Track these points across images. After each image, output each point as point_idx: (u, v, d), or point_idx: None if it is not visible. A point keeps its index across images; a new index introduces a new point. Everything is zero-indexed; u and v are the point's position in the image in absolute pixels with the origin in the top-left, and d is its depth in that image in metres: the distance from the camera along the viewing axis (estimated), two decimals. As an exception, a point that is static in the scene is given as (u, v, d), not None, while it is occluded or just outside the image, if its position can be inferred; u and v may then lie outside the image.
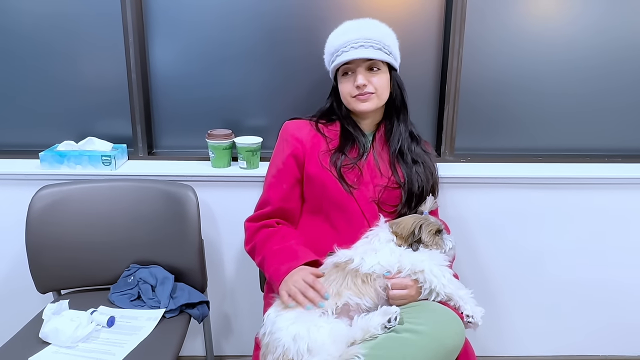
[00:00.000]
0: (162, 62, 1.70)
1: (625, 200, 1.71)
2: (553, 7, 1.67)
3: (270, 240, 1.33)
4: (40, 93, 1.71)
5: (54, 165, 1.62)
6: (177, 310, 1.47)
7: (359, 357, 1.02)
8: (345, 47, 1.32)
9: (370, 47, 1.31)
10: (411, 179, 1.37)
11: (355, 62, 1.33)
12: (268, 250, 1.32)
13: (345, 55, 1.32)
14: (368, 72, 1.34)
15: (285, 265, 1.24)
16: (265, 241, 1.34)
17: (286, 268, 1.23)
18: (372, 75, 1.34)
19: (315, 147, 1.39)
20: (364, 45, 1.31)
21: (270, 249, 1.31)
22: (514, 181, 1.68)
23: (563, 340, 1.86)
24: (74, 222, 1.53)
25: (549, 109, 1.75)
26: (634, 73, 1.73)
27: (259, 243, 1.36)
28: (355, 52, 1.31)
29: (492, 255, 1.76)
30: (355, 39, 1.32)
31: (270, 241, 1.33)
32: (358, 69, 1.34)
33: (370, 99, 1.35)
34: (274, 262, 1.28)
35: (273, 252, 1.30)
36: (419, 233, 1.25)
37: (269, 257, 1.30)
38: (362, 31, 1.33)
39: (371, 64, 1.34)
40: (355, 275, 1.17)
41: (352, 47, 1.31)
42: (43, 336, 1.32)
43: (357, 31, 1.33)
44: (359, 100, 1.35)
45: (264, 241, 1.35)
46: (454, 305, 1.17)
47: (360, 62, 1.33)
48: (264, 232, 1.37)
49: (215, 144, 1.63)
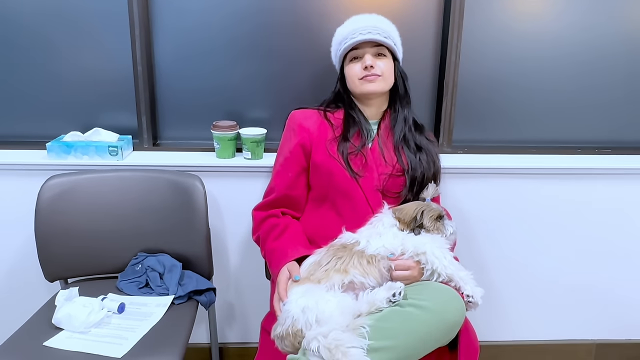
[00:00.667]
0: (167, 54, 1.73)
1: (614, 190, 1.78)
2: (548, 4, 1.73)
3: (268, 237, 1.41)
4: (46, 85, 1.73)
5: (61, 156, 1.65)
6: (186, 297, 1.51)
7: (365, 327, 1.07)
8: (353, 34, 1.40)
9: (377, 34, 1.39)
10: (415, 166, 1.43)
11: (362, 47, 1.41)
12: (267, 248, 1.40)
13: (354, 39, 1.39)
14: (375, 57, 1.42)
15: (274, 264, 1.34)
16: (266, 237, 1.41)
17: (275, 267, 1.32)
18: (378, 59, 1.42)
19: (322, 136, 1.44)
20: (372, 32, 1.39)
21: (268, 247, 1.40)
22: (510, 172, 1.74)
23: (556, 325, 1.92)
24: (82, 212, 1.56)
25: (543, 102, 1.82)
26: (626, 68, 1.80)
27: (262, 236, 1.43)
28: (364, 37, 1.39)
29: (488, 243, 1.82)
30: (363, 27, 1.40)
31: (268, 238, 1.41)
32: (366, 53, 1.41)
33: (376, 80, 1.41)
34: (269, 260, 1.39)
35: (269, 251, 1.39)
36: (421, 218, 1.30)
37: (267, 256, 1.40)
38: (370, 21, 1.42)
39: (378, 50, 1.42)
40: (361, 256, 1.22)
41: (360, 33, 1.39)
42: (56, 322, 1.35)
43: (365, 21, 1.42)
44: (366, 81, 1.42)
45: (265, 236, 1.42)
46: (455, 286, 1.22)
47: (368, 47, 1.41)
48: (267, 224, 1.43)
49: (221, 135, 1.67)
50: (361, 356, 1.03)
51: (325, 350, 1.03)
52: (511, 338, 1.93)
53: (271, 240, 1.39)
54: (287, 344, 1.14)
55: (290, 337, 1.12)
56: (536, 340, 1.93)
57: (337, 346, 1.03)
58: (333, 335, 1.04)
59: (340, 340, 1.04)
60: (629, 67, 1.81)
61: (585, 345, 1.94)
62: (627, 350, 1.94)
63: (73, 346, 1.27)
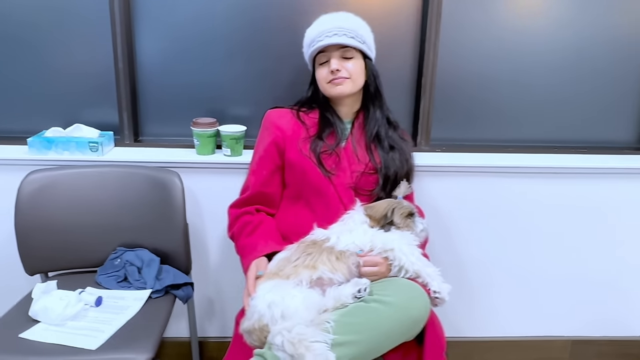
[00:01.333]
0: (148, 51, 1.75)
1: (590, 188, 1.81)
2: (526, 5, 1.75)
3: (242, 233, 1.44)
4: (28, 81, 1.75)
5: (42, 151, 1.67)
6: (163, 291, 1.53)
7: (329, 322, 1.09)
8: (320, 37, 1.41)
9: (343, 35, 1.40)
10: (387, 164, 1.45)
11: (329, 49, 1.42)
12: (240, 244, 1.43)
13: (320, 43, 1.41)
14: (342, 59, 1.43)
15: (245, 259, 1.37)
16: (239, 233, 1.44)
17: (247, 262, 1.36)
18: (345, 61, 1.43)
19: (296, 135, 1.46)
20: (337, 34, 1.40)
21: (241, 243, 1.43)
22: (487, 170, 1.77)
23: (532, 322, 1.95)
24: (62, 206, 1.58)
25: (520, 102, 1.84)
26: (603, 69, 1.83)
27: (236, 232, 1.46)
28: (329, 40, 1.40)
29: (465, 240, 1.85)
30: (329, 29, 1.41)
31: (242, 234, 1.44)
32: (332, 57, 1.42)
33: (344, 83, 1.43)
34: (241, 255, 1.42)
35: (241, 247, 1.42)
36: (391, 216, 1.33)
37: (239, 251, 1.44)
38: (336, 21, 1.43)
39: (344, 51, 1.42)
40: (331, 252, 1.25)
41: (326, 36, 1.40)
42: (33, 314, 1.37)
43: (331, 22, 1.43)
44: (333, 84, 1.43)
45: (239, 233, 1.45)
46: (422, 282, 1.25)
47: (334, 50, 1.42)
48: (241, 221, 1.46)
49: (200, 131, 1.69)
50: (324, 350, 1.05)
51: (289, 345, 1.06)
52: (487, 334, 1.95)
53: (244, 237, 1.42)
54: (254, 338, 1.17)
55: (257, 331, 1.15)
56: (512, 336, 1.96)
57: (300, 340, 1.05)
58: (297, 330, 1.07)
59: (303, 335, 1.06)
60: (606, 68, 1.83)
61: (561, 342, 1.97)
62: (601, 347, 1.97)
63: (49, 338, 1.30)
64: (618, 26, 1.80)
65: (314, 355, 1.04)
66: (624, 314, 1.95)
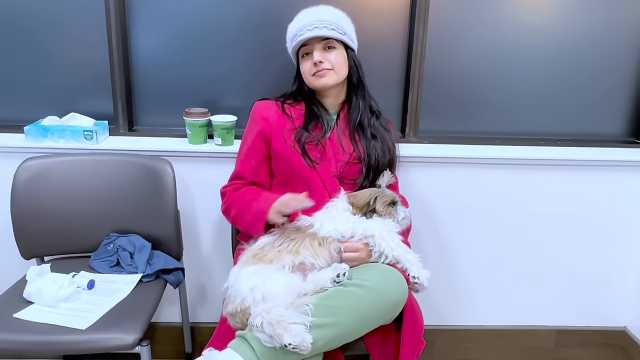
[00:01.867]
0: (143, 42, 1.79)
1: (575, 180, 1.84)
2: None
3: (244, 196, 1.44)
4: (25, 71, 1.79)
5: (38, 139, 1.71)
6: (154, 276, 1.58)
7: (308, 305, 1.13)
8: (301, 31, 1.45)
9: (324, 27, 1.43)
10: (369, 153, 1.48)
11: (311, 42, 1.45)
12: (245, 202, 1.42)
13: (302, 37, 1.44)
14: (324, 51, 1.46)
15: (265, 203, 1.34)
16: (241, 197, 1.45)
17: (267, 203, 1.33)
18: (328, 53, 1.46)
19: (281, 126, 1.50)
20: (318, 27, 1.43)
21: (247, 201, 1.42)
22: (474, 161, 1.80)
23: (517, 311, 1.99)
24: (57, 193, 1.63)
25: (508, 95, 1.87)
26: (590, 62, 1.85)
27: (236, 201, 1.46)
28: (310, 33, 1.43)
29: (452, 230, 1.88)
30: (310, 22, 1.44)
31: (244, 197, 1.44)
32: (314, 49, 1.45)
33: (327, 74, 1.46)
34: (252, 206, 1.38)
35: (250, 200, 1.40)
36: (374, 204, 1.37)
37: (247, 206, 1.40)
38: (316, 15, 1.46)
39: (326, 43, 1.46)
40: (313, 238, 1.29)
41: (307, 29, 1.43)
42: (27, 296, 1.42)
43: (311, 15, 1.46)
44: (317, 76, 1.47)
45: (240, 198, 1.45)
46: (402, 268, 1.28)
47: (316, 42, 1.45)
48: (239, 192, 1.48)
49: (192, 121, 1.73)
50: (301, 332, 1.10)
51: (268, 325, 1.10)
52: (473, 323, 1.99)
53: (248, 198, 1.42)
54: (237, 320, 1.21)
55: (240, 314, 1.19)
56: (498, 325, 1.99)
57: (279, 322, 1.10)
58: (276, 312, 1.11)
59: (282, 317, 1.10)
60: (595, 61, 1.85)
61: (546, 331, 2.00)
62: (585, 337, 2.00)
63: (41, 318, 1.35)
64: (607, 19, 1.81)
65: (291, 336, 1.08)
66: (607, 305, 1.98)
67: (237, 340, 1.15)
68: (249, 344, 1.12)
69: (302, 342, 1.07)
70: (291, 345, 1.07)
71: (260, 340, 1.11)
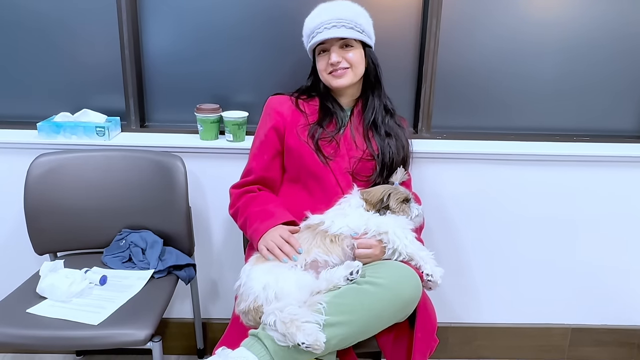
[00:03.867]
0: (154, 39, 1.78)
1: (592, 177, 1.80)
2: (528, -9, 1.75)
3: (251, 204, 1.44)
4: (38, 67, 1.79)
5: (51, 135, 1.72)
6: (165, 272, 1.58)
7: (322, 303, 1.12)
8: (319, 29, 1.42)
9: (342, 26, 1.40)
10: (383, 151, 1.46)
11: (329, 41, 1.42)
12: (249, 212, 1.42)
13: (320, 35, 1.41)
14: (341, 49, 1.43)
15: (264, 224, 1.35)
16: (247, 205, 1.45)
17: (265, 226, 1.34)
18: (345, 52, 1.43)
19: (295, 121, 1.49)
20: (337, 26, 1.40)
21: (251, 211, 1.42)
22: (488, 157, 1.77)
23: (532, 309, 1.96)
24: (70, 189, 1.63)
25: (522, 90, 1.84)
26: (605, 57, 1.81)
27: (242, 207, 1.46)
28: (328, 32, 1.40)
29: (466, 227, 1.86)
30: (328, 20, 1.41)
31: (251, 204, 1.44)
32: (332, 47, 1.43)
33: (345, 74, 1.44)
34: (254, 222, 1.38)
35: (254, 214, 1.41)
36: (387, 200, 1.35)
37: (250, 218, 1.41)
38: (335, 12, 1.42)
39: (344, 42, 1.43)
40: (325, 236, 1.27)
41: (325, 27, 1.40)
42: (40, 291, 1.43)
43: (329, 12, 1.43)
44: (334, 76, 1.45)
45: (246, 205, 1.45)
46: (415, 265, 1.27)
47: (334, 41, 1.43)
48: (247, 197, 1.47)
49: (204, 117, 1.72)
50: (315, 331, 1.09)
51: (281, 324, 1.09)
52: (486, 320, 1.97)
53: (256, 206, 1.42)
54: (250, 318, 1.21)
55: (252, 312, 1.19)
56: (511, 323, 1.97)
57: (292, 320, 1.09)
58: (289, 310, 1.10)
59: (295, 315, 1.09)
60: (608, 56, 1.81)
61: (561, 329, 1.97)
62: (601, 335, 1.97)
63: (54, 313, 1.35)
64: (620, 14, 1.77)
65: (304, 334, 1.07)
66: (624, 303, 1.95)
67: (250, 339, 1.14)
68: (262, 342, 1.11)
69: (315, 341, 1.07)
70: (304, 344, 1.06)
71: (273, 338, 1.11)
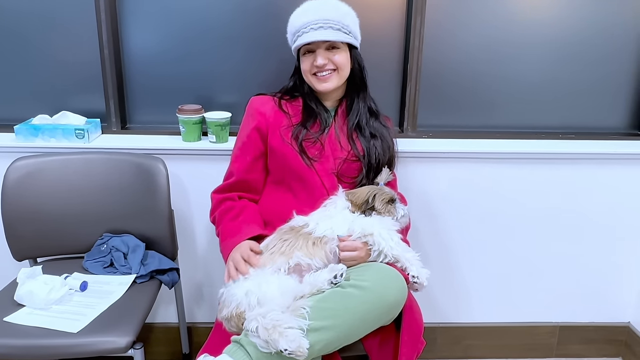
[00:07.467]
0: (135, 39, 1.75)
1: (577, 174, 1.80)
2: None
3: (225, 217, 1.42)
4: (14, 68, 1.75)
5: (29, 138, 1.68)
6: (148, 276, 1.55)
7: (305, 308, 1.10)
8: (305, 28, 1.38)
9: (329, 28, 1.36)
10: (369, 152, 1.44)
11: (315, 42, 1.39)
12: (222, 227, 1.42)
13: (306, 36, 1.37)
14: (327, 51, 1.40)
15: (230, 240, 1.34)
16: (222, 216, 1.43)
17: (231, 244, 1.33)
18: (331, 53, 1.41)
19: (278, 122, 1.46)
20: (323, 27, 1.36)
21: (224, 226, 1.41)
22: (473, 156, 1.76)
23: (520, 308, 1.96)
24: (49, 193, 1.60)
25: (508, 88, 1.83)
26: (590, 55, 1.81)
27: (218, 217, 1.45)
28: (315, 34, 1.36)
29: (452, 226, 1.84)
30: (314, 20, 1.37)
31: (225, 217, 1.42)
32: (318, 49, 1.40)
33: (330, 78, 1.41)
34: (225, 238, 1.38)
35: (225, 230, 1.40)
36: (373, 201, 1.33)
37: (222, 233, 1.41)
38: (321, 12, 1.38)
39: (330, 44, 1.40)
40: (307, 238, 1.25)
41: (311, 28, 1.36)
42: (18, 299, 1.39)
43: (316, 12, 1.38)
44: (319, 80, 1.42)
45: (221, 216, 1.44)
46: (401, 267, 1.25)
47: (320, 43, 1.39)
48: (224, 205, 1.45)
49: (186, 118, 1.69)
50: (297, 337, 1.06)
51: (263, 330, 1.07)
52: (474, 320, 1.96)
53: (227, 221, 1.41)
54: (232, 324, 1.18)
55: (235, 318, 1.16)
56: (500, 322, 1.96)
57: (274, 326, 1.06)
58: (271, 316, 1.08)
59: (278, 321, 1.07)
60: (593, 54, 1.81)
61: (549, 327, 1.97)
62: (588, 333, 1.98)
63: (32, 321, 1.32)
64: (606, 11, 1.77)
65: (287, 341, 1.05)
66: (611, 300, 1.96)
67: (232, 346, 1.12)
68: (245, 349, 1.09)
69: (298, 347, 1.04)
70: (287, 351, 1.04)
71: (256, 345, 1.08)
